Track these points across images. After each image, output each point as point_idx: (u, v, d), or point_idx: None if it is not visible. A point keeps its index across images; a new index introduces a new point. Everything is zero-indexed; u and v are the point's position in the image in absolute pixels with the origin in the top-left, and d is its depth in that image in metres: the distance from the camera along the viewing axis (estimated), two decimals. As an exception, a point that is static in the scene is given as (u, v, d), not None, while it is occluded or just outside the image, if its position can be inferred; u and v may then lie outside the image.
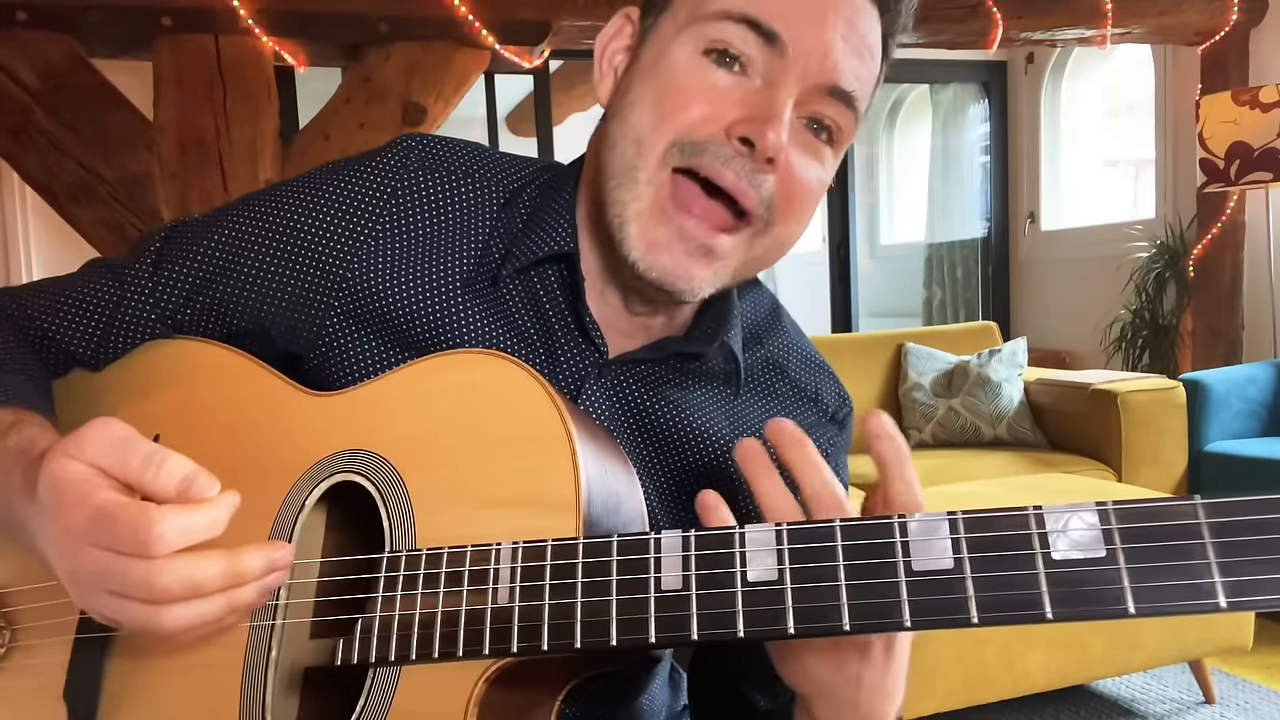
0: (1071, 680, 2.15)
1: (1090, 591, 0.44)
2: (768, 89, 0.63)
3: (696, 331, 0.74)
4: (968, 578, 0.45)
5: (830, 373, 0.81)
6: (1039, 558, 0.45)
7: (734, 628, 0.48)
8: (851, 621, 0.46)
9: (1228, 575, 0.42)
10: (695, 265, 0.65)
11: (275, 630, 0.59)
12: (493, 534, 0.54)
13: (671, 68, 0.65)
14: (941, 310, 5.71)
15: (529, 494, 0.55)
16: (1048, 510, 0.46)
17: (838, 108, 0.66)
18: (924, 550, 0.46)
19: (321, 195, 0.71)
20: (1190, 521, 0.44)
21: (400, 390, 0.62)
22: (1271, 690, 2.40)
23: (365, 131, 2.88)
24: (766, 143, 0.62)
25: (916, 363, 3.48)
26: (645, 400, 0.72)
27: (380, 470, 0.59)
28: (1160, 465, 3.07)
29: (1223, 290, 3.88)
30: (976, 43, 3.60)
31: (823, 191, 0.69)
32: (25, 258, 4.41)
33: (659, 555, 0.50)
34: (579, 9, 3.05)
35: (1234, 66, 3.84)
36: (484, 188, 0.72)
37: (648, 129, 0.64)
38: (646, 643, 0.49)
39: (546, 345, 0.70)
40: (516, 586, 0.52)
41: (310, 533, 0.62)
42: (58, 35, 2.63)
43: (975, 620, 0.45)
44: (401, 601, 0.54)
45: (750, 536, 0.49)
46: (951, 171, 5.69)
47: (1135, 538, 0.44)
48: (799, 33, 0.63)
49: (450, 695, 0.52)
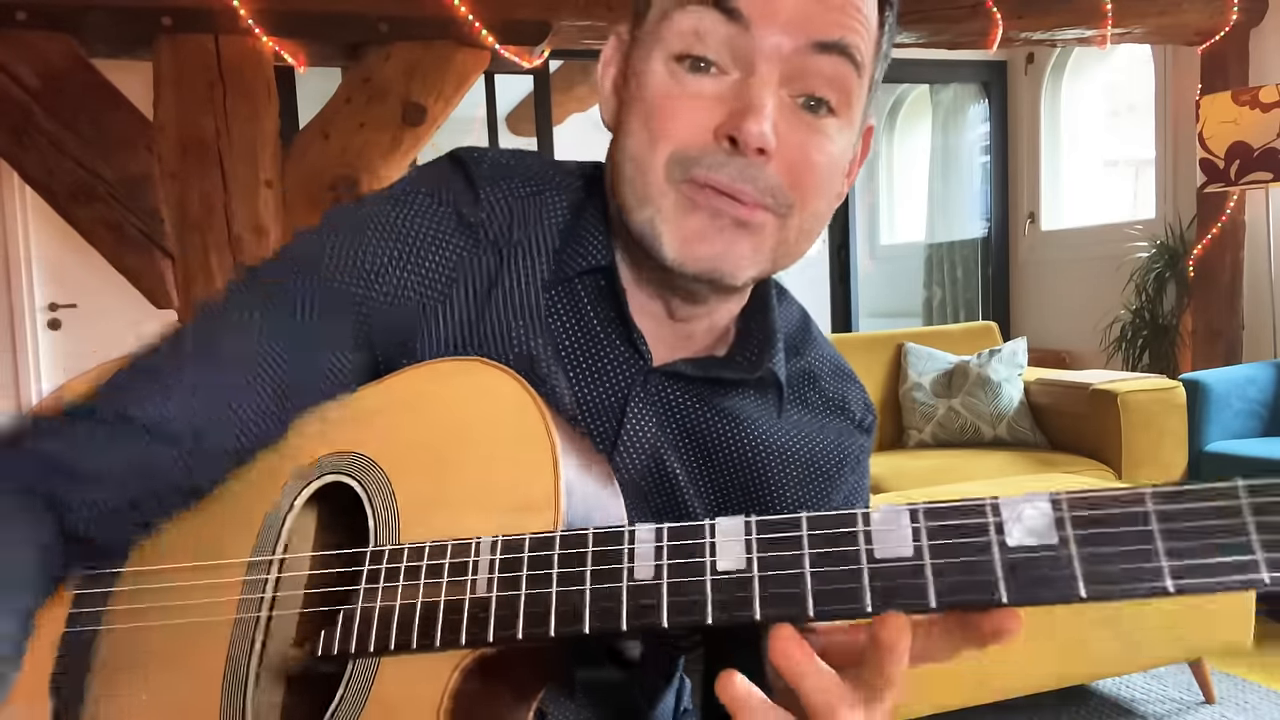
0: (1071, 680, 2.15)
1: (1043, 576, 0.45)
2: (745, 78, 0.62)
3: (739, 356, 0.73)
4: (926, 564, 0.47)
5: (857, 381, 0.82)
6: (995, 544, 0.46)
7: (703, 616, 0.49)
8: (815, 607, 0.48)
9: (1174, 559, 0.44)
10: (735, 243, 0.64)
11: (259, 625, 0.60)
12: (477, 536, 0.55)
13: (652, 85, 0.64)
14: (941, 310, 5.71)
15: (512, 498, 0.56)
16: (1004, 500, 0.47)
17: (832, 62, 0.62)
18: (885, 539, 0.48)
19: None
20: (1139, 509, 0.45)
21: (393, 395, 0.63)
22: (1271, 690, 2.40)
23: (365, 131, 2.88)
24: (748, 135, 0.60)
25: (916, 363, 3.48)
26: (691, 407, 0.72)
27: (369, 472, 0.60)
28: (1160, 465, 3.07)
29: (1223, 290, 3.88)
30: (976, 43, 3.60)
31: (840, 162, 0.67)
32: (25, 258, 4.41)
33: (632, 546, 0.51)
34: (579, 9, 3.05)
35: (1234, 66, 3.84)
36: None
37: (645, 154, 0.64)
38: (618, 629, 0.50)
39: (592, 353, 0.70)
40: (495, 578, 0.53)
41: (302, 534, 0.63)
42: (58, 35, 2.63)
43: (933, 605, 0.46)
44: (382, 594, 0.55)
45: (720, 528, 0.51)
46: (951, 171, 5.69)
47: (1087, 524, 0.46)
48: (763, 8, 0.61)
49: (427, 684, 0.53)
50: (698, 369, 0.71)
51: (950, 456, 3.18)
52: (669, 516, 0.71)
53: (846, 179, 0.71)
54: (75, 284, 4.43)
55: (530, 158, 0.73)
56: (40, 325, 4.47)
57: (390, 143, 2.91)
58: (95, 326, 4.43)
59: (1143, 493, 0.45)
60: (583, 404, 0.69)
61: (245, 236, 2.77)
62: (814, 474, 0.76)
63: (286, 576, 0.61)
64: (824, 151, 0.65)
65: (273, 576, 0.61)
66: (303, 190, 2.88)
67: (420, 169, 0.72)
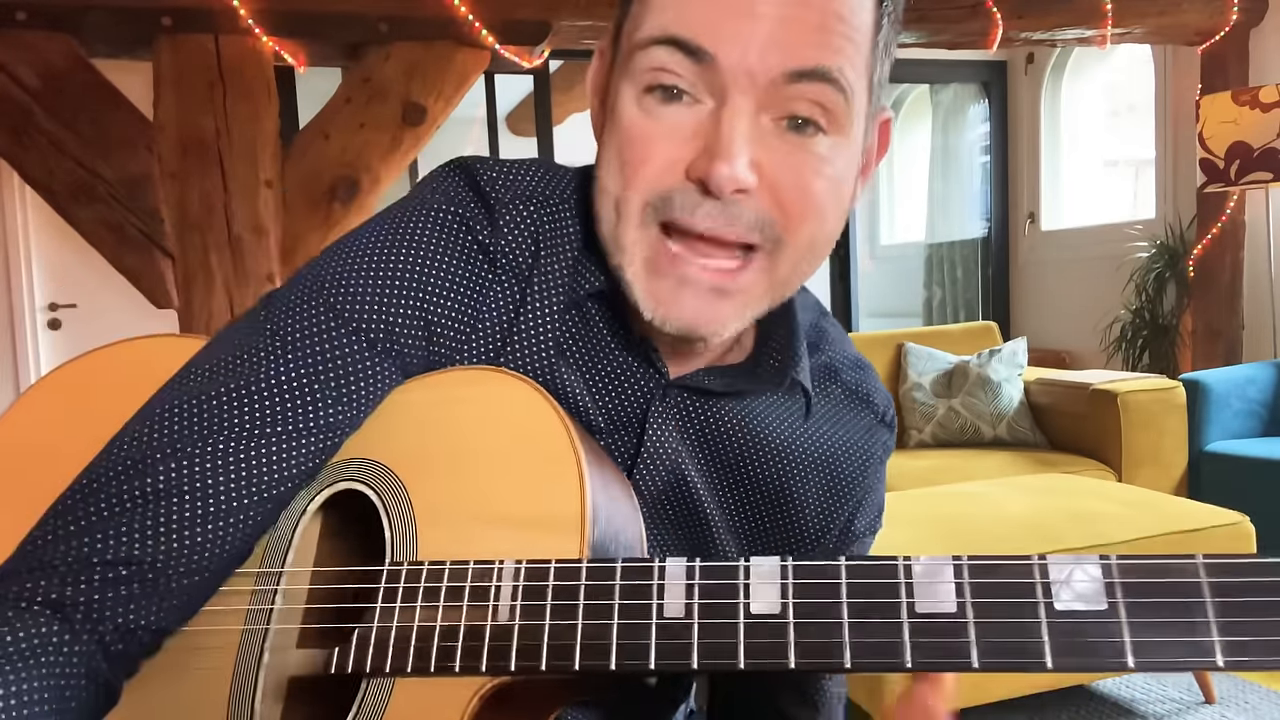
0: (1071, 680, 2.15)
1: (1090, 644, 0.44)
2: (717, 109, 0.58)
3: (763, 363, 0.71)
4: (970, 622, 0.45)
5: (874, 372, 0.79)
6: (1041, 607, 0.45)
7: (735, 659, 0.47)
8: (853, 660, 0.46)
9: (1226, 635, 0.43)
10: (710, 308, 0.61)
11: (269, 635, 0.58)
12: (495, 550, 0.54)
13: (624, 119, 0.61)
14: (941, 310, 5.71)
15: (534, 513, 0.55)
16: (1052, 560, 0.46)
17: (813, 89, 0.58)
18: (927, 593, 0.46)
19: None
20: (1192, 580, 0.44)
21: (410, 403, 0.62)
22: (1271, 690, 2.40)
23: (365, 131, 2.88)
24: (719, 180, 0.57)
25: (916, 363, 3.48)
26: (712, 418, 0.70)
27: (385, 480, 0.59)
28: (1160, 465, 3.07)
29: (1223, 290, 3.88)
30: (976, 43, 3.60)
31: (834, 180, 0.62)
32: (25, 258, 4.41)
33: (662, 582, 0.50)
34: (579, 9, 3.05)
35: (1234, 66, 3.84)
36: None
37: (619, 193, 0.61)
38: (645, 669, 0.49)
39: (609, 370, 0.68)
40: (518, 605, 0.51)
41: (308, 538, 0.62)
42: (58, 35, 2.63)
43: (976, 665, 0.45)
44: (400, 613, 0.54)
45: (755, 569, 0.49)
46: (951, 171, 5.69)
47: (1137, 592, 0.44)
48: (725, 37, 0.57)
49: (444, 711, 0.52)
50: (721, 382, 0.69)
51: (950, 456, 3.18)
52: (688, 530, 0.70)
53: (861, 177, 0.67)
54: (75, 284, 4.43)
55: (541, 171, 0.69)
56: (40, 325, 4.47)
57: (390, 143, 2.91)
58: (95, 326, 4.42)
59: (1195, 562, 0.44)
60: (603, 420, 0.67)
61: (245, 236, 2.77)
62: (838, 479, 0.75)
63: (298, 589, 0.60)
64: (819, 173, 0.60)
65: (283, 588, 0.59)
66: (303, 190, 2.88)
67: (431, 189, 0.67)
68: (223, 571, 0.58)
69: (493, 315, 0.65)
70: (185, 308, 2.78)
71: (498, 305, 0.65)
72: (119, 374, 0.68)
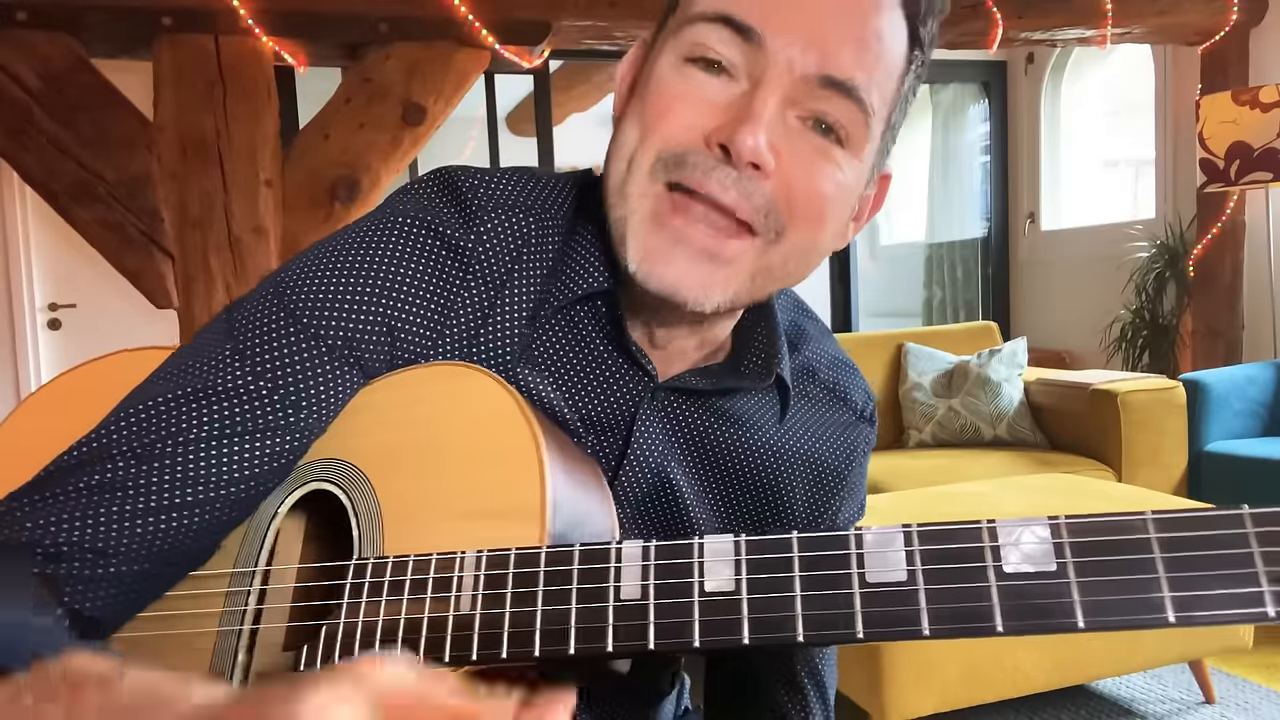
0: (1071, 680, 2.15)
1: (1040, 605, 0.44)
2: (751, 90, 0.60)
3: (746, 361, 0.72)
4: (920, 589, 0.46)
5: (855, 370, 0.80)
6: (990, 570, 0.45)
7: (690, 637, 0.48)
8: (805, 632, 0.46)
9: (1177, 590, 0.43)
10: (700, 271, 0.61)
11: (241, 636, 0.59)
12: (460, 544, 0.54)
13: (658, 80, 0.63)
14: (941, 310, 5.71)
15: (496, 505, 0.55)
16: (1001, 524, 0.46)
17: (836, 101, 0.60)
18: (879, 562, 0.47)
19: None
20: (1140, 536, 0.44)
21: (377, 401, 0.62)
22: (1271, 690, 2.40)
23: (365, 131, 2.88)
24: (742, 146, 0.58)
25: (916, 363, 3.48)
26: (698, 418, 0.71)
27: (353, 479, 0.60)
28: (1160, 465, 3.07)
29: (1223, 290, 3.88)
30: (976, 43, 3.61)
31: (843, 190, 0.63)
32: (25, 258, 4.41)
33: (619, 565, 0.50)
34: (579, 9, 3.05)
35: (1234, 66, 3.85)
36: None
37: (635, 144, 0.62)
38: (604, 651, 0.49)
39: (596, 373, 0.68)
40: (479, 595, 0.51)
41: (289, 542, 0.63)
42: (58, 35, 2.63)
43: (926, 632, 0.45)
44: (365, 609, 0.54)
45: (709, 547, 0.49)
46: (951, 171, 5.69)
47: (1086, 551, 0.44)
48: (778, 25, 0.59)
49: None
50: (708, 382, 0.70)
51: (950, 456, 3.18)
52: (673, 531, 0.70)
53: (854, 223, 0.69)
54: (75, 284, 4.43)
55: (530, 181, 0.69)
56: (40, 325, 4.47)
57: (390, 143, 2.91)
58: (95, 326, 4.43)
59: (1144, 519, 0.44)
60: (588, 423, 0.68)
61: (245, 236, 2.77)
62: (822, 474, 0.76)
63: (269, 589, 0.60)
64: (830, 178, 0.62)
65: (255, 588, 0.60)
66: (302, 190, 2.88)
67: (403, 197, 0.68)
68: (169, 567, 0.58)
69: (461, 319, 0.65)
70: (185, 308, 2.78)
71: (468, 309, 0.65)
72: (115, 384, 0.69)
